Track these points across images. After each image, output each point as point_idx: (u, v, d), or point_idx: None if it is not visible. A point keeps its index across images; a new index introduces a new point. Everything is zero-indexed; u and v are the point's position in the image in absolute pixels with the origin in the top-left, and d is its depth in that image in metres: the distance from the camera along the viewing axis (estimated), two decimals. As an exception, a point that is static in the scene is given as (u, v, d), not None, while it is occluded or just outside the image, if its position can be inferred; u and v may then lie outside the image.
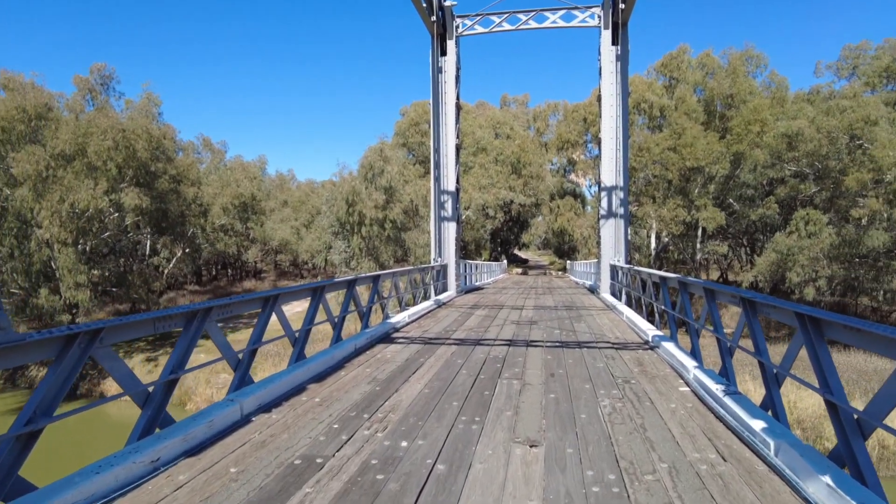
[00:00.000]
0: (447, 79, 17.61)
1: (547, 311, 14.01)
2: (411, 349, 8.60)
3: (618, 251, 16.80)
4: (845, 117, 34.26)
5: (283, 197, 68.73)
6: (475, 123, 51.82)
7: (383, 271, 11.26)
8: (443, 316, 12.74)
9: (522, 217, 58.17)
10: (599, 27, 17.49)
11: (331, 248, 44.99)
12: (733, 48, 45.75)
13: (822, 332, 4.03)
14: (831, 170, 37.58)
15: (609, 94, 17.16)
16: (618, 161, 17.01)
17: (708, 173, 42.32)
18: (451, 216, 17.61)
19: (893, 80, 41.11)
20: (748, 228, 47.72)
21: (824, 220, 35.34)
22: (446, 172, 17.46)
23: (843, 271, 35.46)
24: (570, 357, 7.92)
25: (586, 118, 48.64)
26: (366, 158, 40.09)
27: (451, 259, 17.74)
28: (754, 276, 40.06)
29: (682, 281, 8.26)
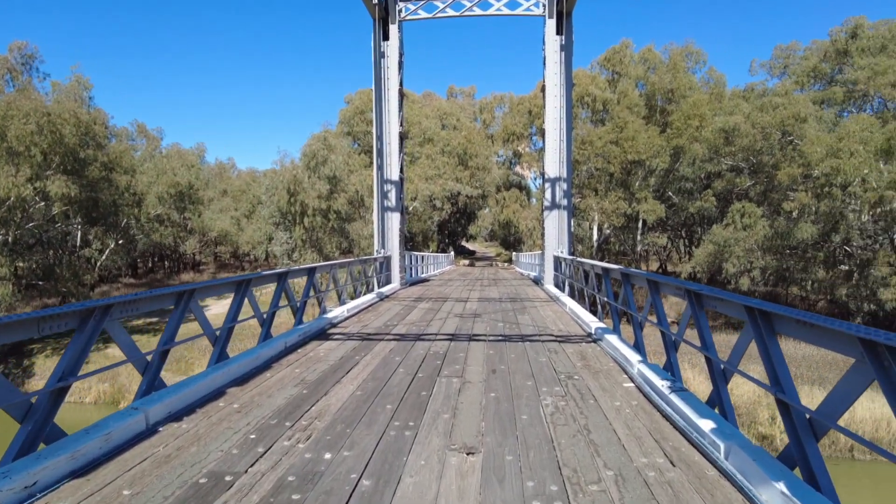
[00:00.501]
0: (390, 64, 17.06)
1: (491, 303, 13.77)
2: (347, 346, 8.13)
3: (561, 242, 16.72)
4: (778, 114, 35.51)
5: (223, 186, 66.63)
6: (422, 113, 51.30)
7: (319, 263, 10.73)
8: (384, 310, 12.30)
9: (469, 209, 58.13)
10: (544, 16, 17.28)
11: (272, 239, 43.73)
12: (674, 44, 46.90)
13: (772, 327, 3.82)
14: (765, 164, 38.97)
15: (553, 84, 17.00)
16: (561, 152, 16.90)
17: (648, 167, 43.27)
18: (395, 206, 17.13)
19: (820, 80, 42.88)
20: (686, 221, 49.11)
21: (759, 213, 36.58)
22: (390, 161, 16.95)
23: (776, 262, 36.89)
24: (513, 351, 7.63)
25: (531, 111, 48.89)
26: (309, 147, 39.04)
27: (395, 251, 17.27)
28: (693, 267, 41.25)
29: (625, 272, 8.09)
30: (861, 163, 30.10)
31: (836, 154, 31.15)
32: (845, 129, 32.01)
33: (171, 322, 5.79)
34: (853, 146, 30.67)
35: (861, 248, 35.63)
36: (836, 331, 3.10)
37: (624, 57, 47.86)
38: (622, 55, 47.79)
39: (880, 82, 34.86)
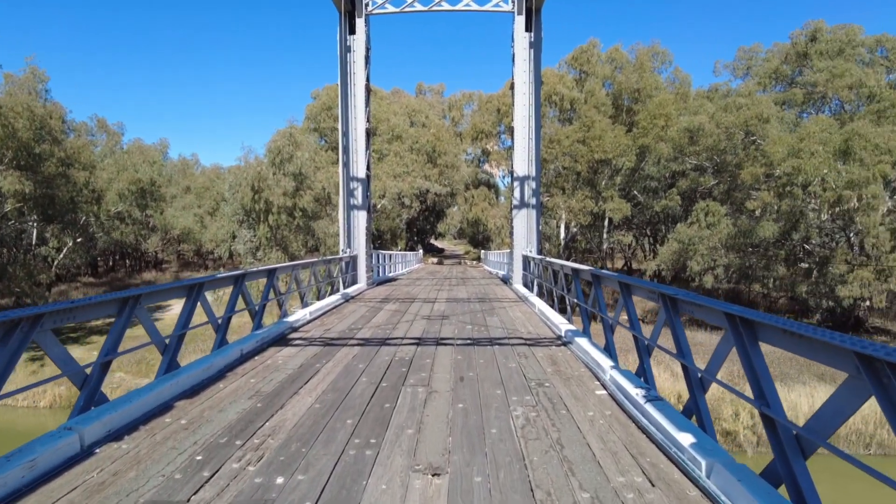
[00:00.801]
0: (356, 59, 16.63)
1: (460, 303, 13.50)
2: (308, 353, 7.75)
3: (530, 241, 16.56)
4: (741, 114, 36.08)
5: (186, 183, 65.21)
6: (390, 110, 50.77)
7: (280, 264, 10.29)
8: (349, 312, 11.91)
9: (438, 207, 57.83)
10: (513, 12, 17.07)
11: (235, 237, 42.71)
12: (641, 44, 47.31)
13: (756, 336, 3.61)
14: (728, 164, 39.60)
15: (522, 81, 16.82)
16: (530, 150, 16.73)
17: (615, 166, 43.58)
18: (362, 204, 16.72)
19: (781, 82, 43.76)
20: (651, 219, 49.68)
21: (723, 212, 37.11)
22: (356, 158, 16.53)
23: (739, 260, 37.50)
24: (482, 356, 7.36)
25: (500, 109, 48.80)
26: (274, 143, 38.15)
27: (361, 250, 16.87)
28: (658, 265, 41.72)
29: (595, 274, 7.89)
30: (821, 163, 30.75)
31: (797, 154, 31.76)
32: (806, 130, 32.68)
33: (113, 331, 5.35)
34: (813, 147, 31.31)
35: (820, 247, 36.47)
36: (828, 343, 2.86)
37: (591, 56, 48.09)
38: (589, 54, 48.02)
39: (838, 84, 35.71)
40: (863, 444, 21.21)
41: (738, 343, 3.69)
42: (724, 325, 3.89)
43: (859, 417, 21.46)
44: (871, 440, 20.92)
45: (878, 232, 31.04)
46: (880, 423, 21.26)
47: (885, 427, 20.22)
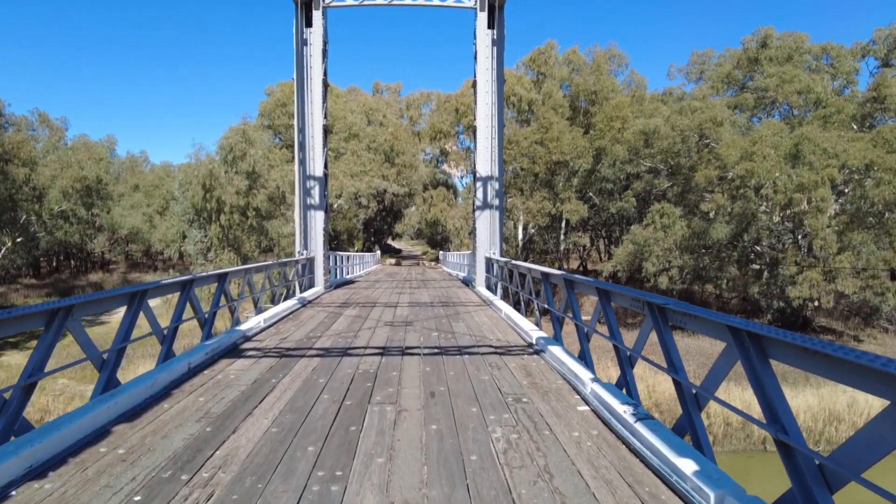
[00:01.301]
0: (313, 52, 15.97)
1: (423, 308, 13.02)
2: (263, 365, 7.15)
3: (493, 243, 16.21)
4: (696, 117, 36.75)
5: (135, 181, 63.33)
6: (346, 108, 49.85)
7: (232, 268, 9.62)
8: (307, 318, 11.29)
9: (396, 207, 57.15)
10: (475, 9, 16.71)
11: (186, 237, 41.14)
12: (598, 46, 47.84)
13: (765, 353, 3.27)
14: (682, 166, 40.31)
15: (485, 80, 16.47)
16: (493, 150, 16.40)
17: (572, 167, 43.84)
18: (319, 204, 16.06)
19: (733, 86, 44.89)
20: (607, 221, 50.27)
21: (677, 214, 37.71)
22: (313, 156, 15.86)
23: (693, 261, 38.21)
24: (452, 367, 6.91)
25: (458, 109, 48.53)
26: (226, 140, 36.83)
27: (318, 251, 16.20)
28: (613, 266, 42.15)
29: (569, 279, 7.56)
30: (773, 166, 31.51)
31: (750, 157, 32.49)
32: (758, 134, 33.47)
33: (39, 347, 4.68)
34: (765, 150, 32.09)
35: (770, 248, 37.47)
36: (859, 364, 2.49)
37: (549, 58, 48.31)
38: (547, 56, 48.23)
39: (787, 90, 36.75)
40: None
41: (746, 360, 3.38)
42: (728, 339, 3.55)
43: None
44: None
45: (825, 234, 32.01)
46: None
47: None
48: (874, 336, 35.52)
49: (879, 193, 31.16)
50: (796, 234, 35.92)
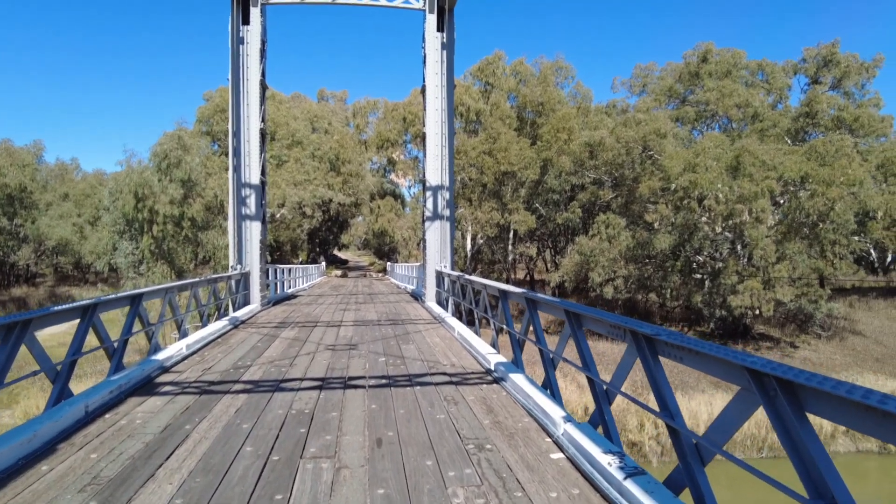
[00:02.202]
0: (250, 52, 14.83)
1: (369, 327, 12.03)
2: (178, 405, 6.06)
3: (444, 256, 15.41)
4: (640, 129, 37.19)
5: (65, 189, 60.02)
6: (289, 115, 48.27)
7: (148, 288, 8.42)
8: (237, 342, 10.13)
9: (342, 217, 55.67)
10: (424, 10, 15.96)
11: (116, 249, 38.69)
12: (545, 58, 48.01)
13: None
14: (626, 178, 40.76)
15: (434, 85, 15.71)
16: (443, 159, 15.64)
17: (520, 178, 43.72)
18: (255, 214, 14.86)
19: (675, 99, 45.87)
20: (553, 231, 50.42)
21: (622, 224, 37.99)
22: (248, 162, 14.68)
23: (637, 271, 38.53)
24: (402, 403, 6.01)
25: (406, 118, 47.79)
26: (160, 146, 34.78)
27: (254, 265, 14.98)
28: (561, 276, 42.14)
29: (531, 298, 6.80)
30: (715, 177, 32.03)
31: (692, 169, 32.98)
32: (701, 146, 34.04)
33: None
34: (708, 162, 32.63)
35: (711, 258, 38.18)
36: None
37: (496, 69, 48.21)
38: (495, 67, 48.11)
39: (727, 103, 37.69)
40: (756, 448, 22.01)
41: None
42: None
43: (753, 423, 22.20)
44: (764, 444, 21.76)
45: (765, 244, 32.73)
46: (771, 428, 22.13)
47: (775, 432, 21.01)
48: (808, 342, 36.58)
49: (813, 204, 32.16)
50: (736, 245, 36.73)
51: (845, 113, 37.48)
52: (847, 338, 36.88)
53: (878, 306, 42.98)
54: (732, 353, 3.03)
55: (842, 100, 39.40)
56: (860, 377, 29.84)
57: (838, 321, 37.85)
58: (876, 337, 37.01)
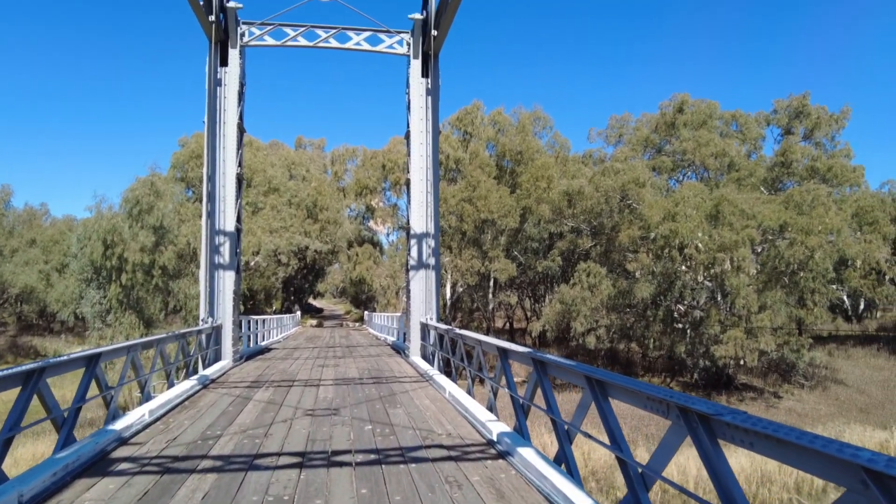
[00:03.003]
0: (228, 94, 14.27)
1: (351, 386, 11.10)
2: (135, 489, 5.12)
3: (429, 307, 14.64)
4: (619, 178, 37.39)
5: (32, 235, 58.36)
6: (267, 161, 47.73)
7: (107, 347, 7.50)
8: (206, 405, 9.14)
9: (319, 264, 54.62)
10: (408, 56, 15.68)
11: (82, 298, 37.11)
12: (523, 107, 48.64)
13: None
14: (605, 226, 40.81)
15: (419, 130, 15.28)
16: (428, 205, 15.07)
17: (499, 226, 43.53)
18: (229, 263, 14.00)
19: (651, 149, 46.53)
20: (532, 280, 50.03)
21: (603, 273, 37.75)
22: (223, 208, 13.90)
23: (619, 320, 38.11)
24: (397, 487, 5.15)
25: (385, 165, 47.68)
26: (132, 191, 33.78)
27: (227, 318, 14.01)
28: (542, 325, 41.51)
29: (539, 359, 6.07)
30: (696, 226, 32.07)
31: (672, 218, 33.03)
32: (680, 195, 34.21)
33: None
34: (688, 210, 32.73)
35: (693, 307, 37.98)
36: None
37: (475, 118, 48.62)
38: (473, 116, 48.52)
39: (704, 153, 38.23)
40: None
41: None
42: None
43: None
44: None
45: (746, 293, 32.61)
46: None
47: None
48: (792, 392, 36.27)
49: (793, 253, 32.28)
50: (716, 294, 36.63)
51: (819, 163, 38.27)
52: (830, 387, 36.65)
53: (856, 354, 43.03)
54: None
55: (814, 150, 40.34)
56: (847, 428, 29.33)
57: (820, 370, 37.69)
58: (858, 386, 36.83)
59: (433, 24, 14.58)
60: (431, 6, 14.60)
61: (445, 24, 14.24)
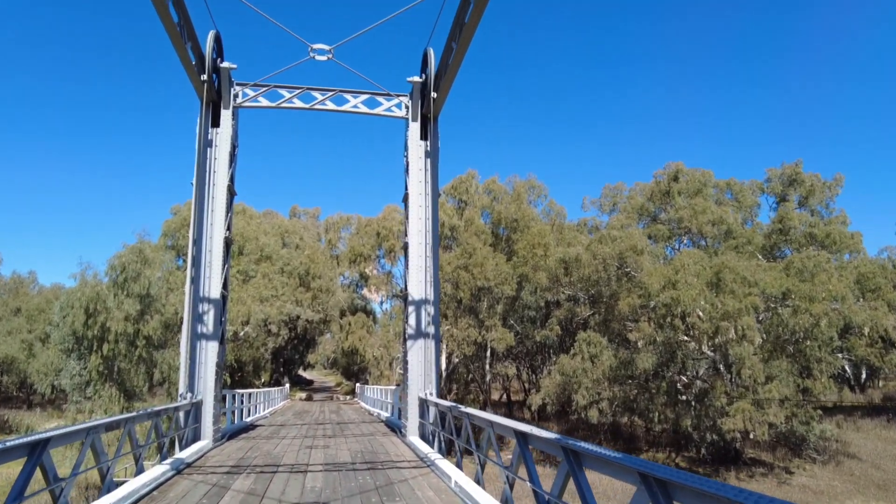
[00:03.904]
0: (219, 155, 13.67)
1: (342, 472, 9.84)
2: None
3: (429, 380, 13.52)
4: (617, 245, 36.92)
5: (18, 303, 57.29)
6: (260, 229, 47.21)
7: (58, 430, 6.41)
8: (177, 497, 7.91)
9: (310, 334, 53.11)
10: (407, 119, 15.28)
11: (61, 369, 35.52)
12: (518, 177, 48.87)
13: None
14: (603, 294, 40.05)
15: (418, 193, 14.66)
16: (427, 270, 14.23)
17: (496, 294, 42.69)
18: (213, 333, 12.95)
19: (646, 217, 46.41)
20: (530, 349, 48.74)
21: (604, 343, 36.67)
22: (209, 273, 13.00)
23: (622, 393, 36.71)
24: None
25: (380, 232, 47.31)
26: (118, 258, 32.86)
27: (208, 393, 12.82)
28: (542, 398, 39.95)
29: (574, 449, 5.05)
30: (698, 294, 31.32)
31: (673, 286, 32.31)
32: (680, 262, 33.65)
33: None
34: (688, 278, 32.07)
35: (698, 378, 36.75)
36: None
37: (469, 186, 48.72)
38: (468, 184, 48.63)
39: (701, 220, 38.01)
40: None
41: None
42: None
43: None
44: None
45: (752, 363, 31.52)
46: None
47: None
48: (804, 467, 34.53)
49: (798, 321, 31.45)
50: (718, 364, 35.50)
51: (817, 229, 38.11)
52: (843, 462, 34.96)
53: (866, 426, 41.56)
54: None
55: (810, 217, 40.32)
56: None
57: (831, 443, 36.11)
58: (873, 461, 35.17)
59: (432, 87, 14.25)
60: (431, 69, 14.30)
61: (445, 86, 13.90)
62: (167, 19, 10.84)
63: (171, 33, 11.22)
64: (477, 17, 10.98)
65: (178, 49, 11.82)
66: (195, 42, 12.53)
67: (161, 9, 10.49)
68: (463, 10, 11.45)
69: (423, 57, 14.80)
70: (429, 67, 14.43)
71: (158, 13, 10.63)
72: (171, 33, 11.22)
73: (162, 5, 10.42)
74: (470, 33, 11.52)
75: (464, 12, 11.43)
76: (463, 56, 12.47)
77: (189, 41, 12.16)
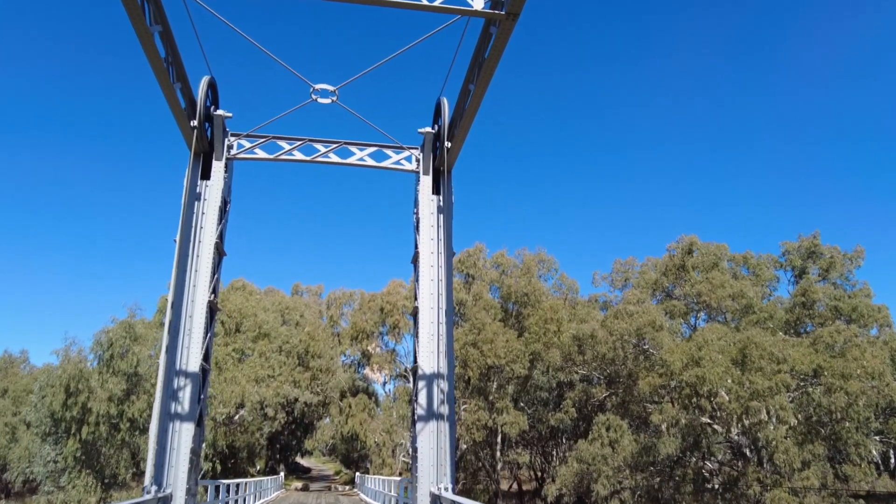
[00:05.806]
0: (207, 209, 12.20)
1: None
2: None
3: (442, 472, 11.38)
4: (634, 321, 34.97)
5: (5, 384, 54.83)
6: (259, 306, 45.46)
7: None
8: None
9: (308, 418, 50.06)
10: (418, 172, 13.94)
11: (34, 456, 32.83)
12: (527, 250, 47.62)
13: None
14: (619, 374, 37.72)
15: (429, 252, 13.09)
16: (440, 339, 12.43)
17: (507, 373, 40.29)
18: (188, 413, 10.97)
19: (660, 292, 44.62)
20: (543, 434, 45.67)
21: (625, 427, 34.06)
22: (188, 343, 11.18)
23: (645, 481, 33.77)
24: None
25: (383, 308, 45.53)
26: (105, 334, 30.99)
27: (179, 486, 10.68)
28: (559, 488, 36.78)
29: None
30: (724, 372, 29.13)
31: (697, 363, 30.13)
32: (703, 338, 31.60)
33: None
34: (713, 355, 29.95)
35: (724, 464, 33.89)
36: None
37: (477, 260, 47.39)
38: (476, 258, 47.30)
39: (720, 294, 36.25)
40: None
41: None
42: None
43: None
44: None
45: (787, 446, 28.87)
46: None
47: None
48: (850, 568, 31.04)
49: (834, 401, 29.05)
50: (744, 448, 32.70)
51: (842, 303, 36.23)
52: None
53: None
54: None
55: (833, 290, 38.56)
56: None
57: (874, 537, 32.67)
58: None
59: (446, 136, 13.01)
60: (444, 118, 13.13)
61: (461, 135, 12.67)
62: (153, 53, 9.67)
63: (156, 69, 10.04)
64: (499, 52, 9.83)
65: (164, 89, 10.62)
66: (185, 83, 11.37)
67: (145, 39, 9.33)
68: (483, 44, 10.34)
69: (436, 107, 13.67)
70: (442, 117, 13.26)
71: (143, 46, 9.47)
72: (157, 69, 10.03)
73: (146, 34, 9.26)
74: (490, 71, 10.35)
75: (484, 46, 10.31)
76: (481, 99, 11.27)
77: (178, 81, 10.99)
